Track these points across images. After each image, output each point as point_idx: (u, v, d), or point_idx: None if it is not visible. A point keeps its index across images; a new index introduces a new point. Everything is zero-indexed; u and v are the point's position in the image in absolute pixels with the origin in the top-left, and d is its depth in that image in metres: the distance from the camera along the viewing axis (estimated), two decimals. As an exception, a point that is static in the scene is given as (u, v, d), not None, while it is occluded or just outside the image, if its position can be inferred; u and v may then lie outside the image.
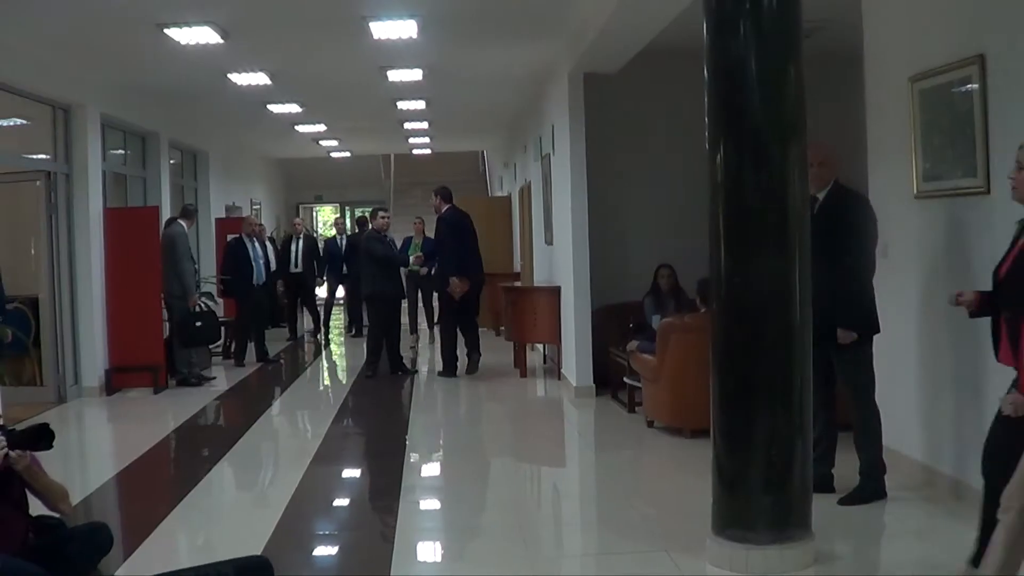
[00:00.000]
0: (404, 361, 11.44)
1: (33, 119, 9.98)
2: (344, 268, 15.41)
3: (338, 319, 17.64)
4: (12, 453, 3.96)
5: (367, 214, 14.24)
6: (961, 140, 5.30)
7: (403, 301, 11.93)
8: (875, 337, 5.56)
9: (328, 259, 15.80)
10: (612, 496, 6.20)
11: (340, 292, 16.18)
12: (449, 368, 11.03)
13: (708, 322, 4.82)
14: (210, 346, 11.72)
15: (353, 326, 15.74)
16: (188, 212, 11.49)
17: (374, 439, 8.57)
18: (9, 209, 10.45)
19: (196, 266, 11.60)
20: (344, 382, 11.73)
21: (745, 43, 4.51)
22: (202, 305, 11.12)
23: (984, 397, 5.10)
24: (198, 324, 10.83)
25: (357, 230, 16.43)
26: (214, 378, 11.20)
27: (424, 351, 13.78)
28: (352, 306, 15.93)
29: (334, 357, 14.59)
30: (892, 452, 5.76)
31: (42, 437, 4.05)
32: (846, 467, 5.64)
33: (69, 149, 10.10)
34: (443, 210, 11.19)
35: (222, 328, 11.44)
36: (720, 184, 4.62)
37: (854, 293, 5.43)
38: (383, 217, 11.44)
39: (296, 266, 15.37)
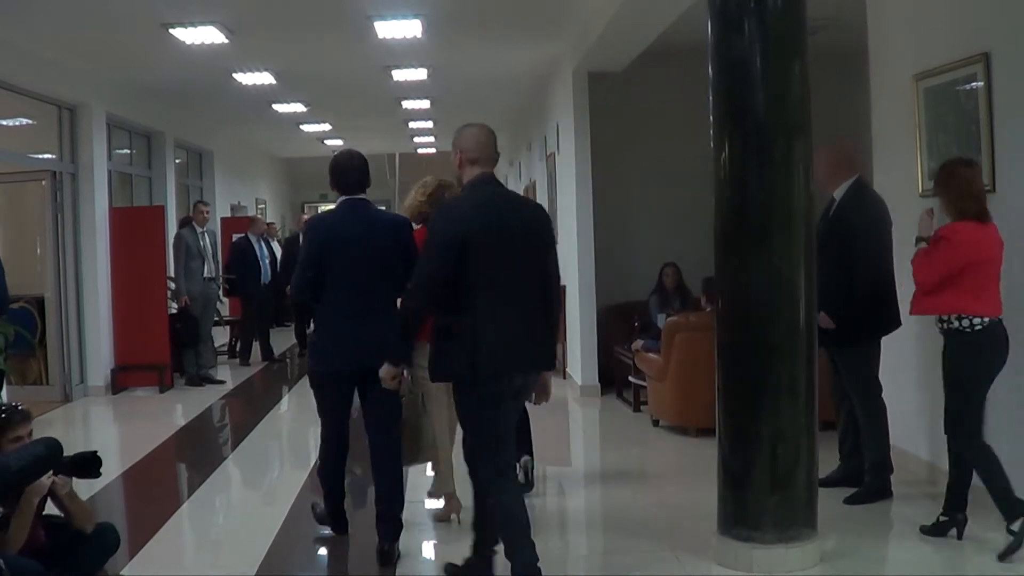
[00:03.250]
0: None
1: (39, 119, 10.00)
2: None
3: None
4: (57, 479, 4.02)
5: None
6: (966, 138, 5.29)
7: None
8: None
9: None
10: (617, 495, 6.20)
11: None
12: None
13: (713, 321, 4.82)
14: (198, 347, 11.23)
15: None
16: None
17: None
18: (15, 208, 10.48)
19: (213, 265, 11.33)
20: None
21: (750, 41, 4.51)
22: (218, 308, 10.97)
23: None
24: (177, 326, 10.75)
25: None
26: (223, 381, 11.18)
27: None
28: None
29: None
30: (898, 450, 5.74)
31: (91, 466, 4.11)
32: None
33: (75, 149, 10.12)
34: None
35: (198, 335, 10.90)
36: (725, 182, 4.62)
37: (853, 299, 5.37)
38: None
39: None
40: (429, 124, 16.45)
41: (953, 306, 4.56)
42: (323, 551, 5.29)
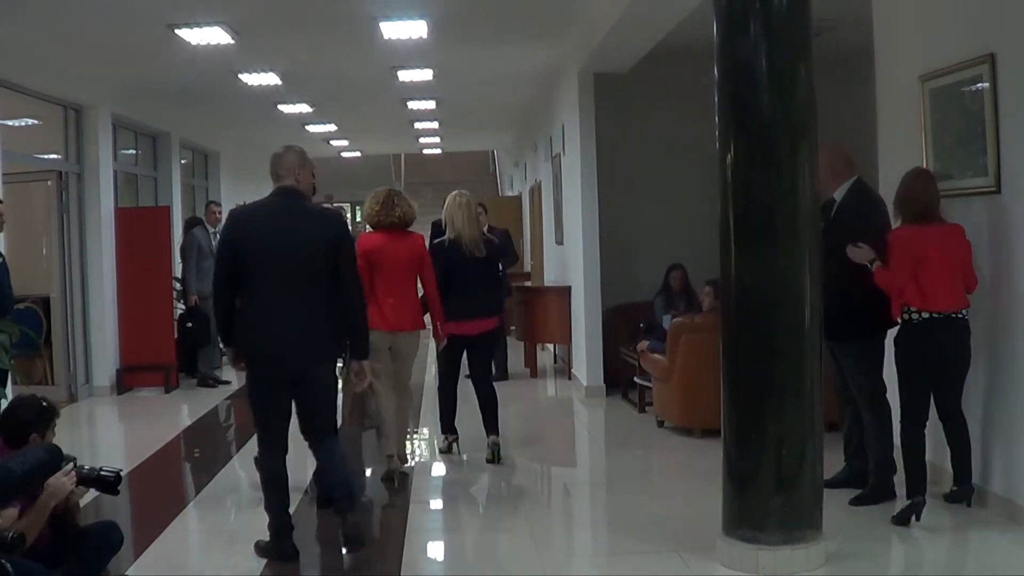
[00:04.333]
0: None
1: (45, 119, 10.03)
2: None
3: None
4: (77, 489, 4.07)
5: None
6: (971, 140, 5.28)
7: None
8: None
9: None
10: (622, 496, 6.20)
11: None
12: None
13: (718, 322, 4.82)
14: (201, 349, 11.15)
15: None
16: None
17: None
18: (21, 209, 10.47)
19: None
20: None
21: (755, 42, 4.51)
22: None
23: (987, 395, 5.09)
24: (188, 325, 10.76)
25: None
26: (228, 382, 11.17)
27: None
28: None
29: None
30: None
31: (112, 485, 4.15)
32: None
33: (80, 149, 10.14)
34: None
35: (209, 334, 10.66)
36: (730, 183, 4.61)
37: (846, 299, 5.29)
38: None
39: None
40: (435, 125, 16.45)
41: (904, 300, 5.03)
42: (328, 551, 5.30)
